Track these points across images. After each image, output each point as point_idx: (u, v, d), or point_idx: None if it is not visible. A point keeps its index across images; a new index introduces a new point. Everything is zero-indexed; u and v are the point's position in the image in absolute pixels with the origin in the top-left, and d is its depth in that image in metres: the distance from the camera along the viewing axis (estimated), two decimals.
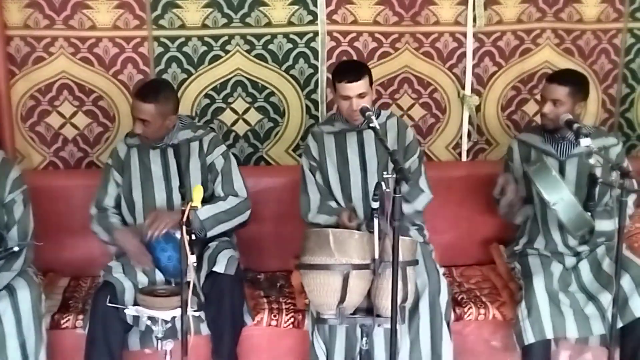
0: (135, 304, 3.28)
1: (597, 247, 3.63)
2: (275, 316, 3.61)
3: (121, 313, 3.30)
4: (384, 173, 2.80)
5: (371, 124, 3.19)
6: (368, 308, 3.18)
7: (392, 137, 3.69)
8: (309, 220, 3.68)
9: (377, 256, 3.03)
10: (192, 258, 2.85)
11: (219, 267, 3.42)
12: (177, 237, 3.14)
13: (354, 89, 3.47)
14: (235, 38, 4.17)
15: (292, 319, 3.60)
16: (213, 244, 3.59)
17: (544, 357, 3.47)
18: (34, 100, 4.14)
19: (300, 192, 3.75)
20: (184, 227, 2.83)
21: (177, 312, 3.04)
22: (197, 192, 2.90)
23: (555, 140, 3.67)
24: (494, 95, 4.46)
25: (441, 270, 3.52)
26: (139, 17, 4.08)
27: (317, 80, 4.28)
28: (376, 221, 3.05)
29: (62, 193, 3.97)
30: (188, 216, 2.85)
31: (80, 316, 3.54)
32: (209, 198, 3.58)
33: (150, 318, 3.21)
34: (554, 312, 3.41)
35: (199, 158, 3.63)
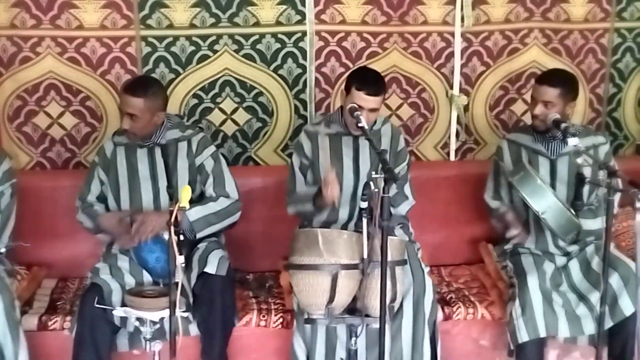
0: (123, 305, 3.26)
1: (587, 246, 3.64)
2: (264, 317, 3.61)
3: (109, 314, 3.29)
4: (372, 173, 2.80)
5: (359, 124, 3.20)
6: (357, 308, 3.19)
7: (385, 142, 3.68)
8: (291, 201, 3.65)
9: (365, 256, 3.03)
10: (180, 259, 2.83)
11: (210, 268, 3.41)
12: (165, 239, 3.13)
13: (369, 102, 3.42)
14: (224, 38, 4.17)
15: (280, 320, 3.60)
16: (202, 245, 3.58)
17: (537, 355, 3.49)
18: (21, 101, 4.11)
19: (287, 187, 3.72)
20: (172, 228, 2.82)
21: (166, 312, 3.02)
22: (185, 192, 2.88)
23: (545, 140, 3.68)
24: (482, 95, 4.47)
25: (426, 269, 3.52)
26: (127, 17, 4.07)
27: (305, 80, 4.27)
28: (365, 221, 3.05)
29: (50, 194, 3.95)
30: (176, 217, 2.84)
31: (68, 318, 3.52)
32: (197, 199, 3.57)
33: (139, 319, 3.19)
34: (547, 310, 3.42)
35: (187, 158, 3.62)
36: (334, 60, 4.27)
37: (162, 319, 3.16)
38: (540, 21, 4.41)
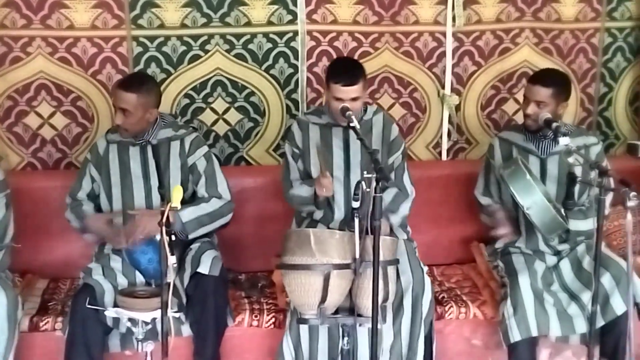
0: (115, 305, 3.26)
1: (577, 245, 3.65)
2: (256, 316, 3.60)
3: (101, 315, 3.28)
4: (364, 173, 2.80)
5: (351, 124, 3.20)
6: (350, 307, 3.19)
7: (377, 132, 3.66)
8: (290, 195, 3.66)
9: (357, 256, 3.03)
10: (172, 259, 2.83)
11: (203, 268, 3.40)
12: (157, 240, 3.12)
13: (348, 92, 3.40)
14: (215, 38, 4.16)
15: (273, 319, 3.60)
16: (195, 246, 3.57)
17: (529, 354, 3.49)
18: (12, 101, 4.10)
19: (282, 176, 3.73)
20: (163, 228, 2.81)
21: (158, 313, 3.02)
22: (177, 192, 2.88)
23: (536, 139, 3.68)
24: (473, 95, 4.48)
25: (425, 268, 3.52)
26: (118, 17, 4.06)
27: (297, 79, 4.27)
28: (357, 221, 3.05)
29: (41, 194, 3.93)
30: (168, 217, 2.83)
31: (60, 318, 3.50)
32: (189, 199, 3.56)
33: (131, 320, 3.19)
34: (539, 310, 3.43)
35: (179, 158, 3.61)
36: (325, 60, 4.26)
37: (154, 319, 3.16)
38: (531, 21, 4.43)
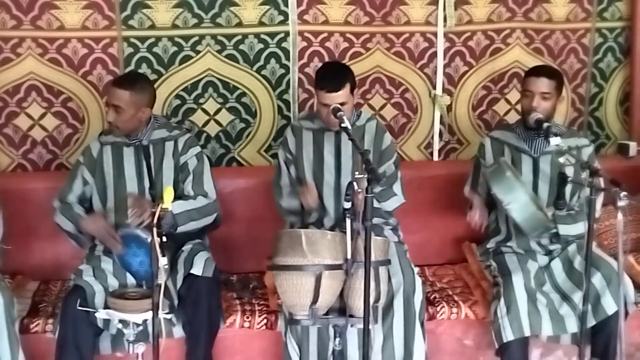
0: (106, 307, 3.25)
1: (569, 245, 3.66)
2: (248, 318, 3.60)
3: (92, 317, 3.27)
4: (356, 173, 2.80)
5: (343, 124, 3.20)
6: (341, 308, 3.19)
7: (369, 140, 3.68)
8: (281, 205, 3.70)
9: (349, 256, 3.03)
10: (163, 260, 2.82)
11: (196, 270, 3.40)
12: (148, 242, 3.11)
13: (333, 98, 3.42)
14: (206, 38, 4.15)
15: (265, 320, 3.59)
16: (187, 247, 3.57)
17: (521, 354, 3.49)
18: (2, 102, 4.08)
19: (273, 181, 3.77)
20: (154, 229, 2.81)
21: (149, 314, 3.01)
22: (168, 193, 2.87)
23: (529, 138, 3.69)
24: (464, 95, 4.48)
25: (416, 269, 3.53)
26: (108, 18, 4.04)
27: (288, 80, 4.27)
28: (348, 221, 3.05)
29: (31, 195, 3.92)
30: (159, 218, 2.83)
31: (50, 320, 3.49)
32: (179, 198, 3.55)
33: (122, 321, 3.18)
34: (532, 310, 3.44)
35: (172, 158, 3.61)
36: (317, 60, 4.26)
37: (145, 321, 3.15)
38: (522, 21, 4.43)
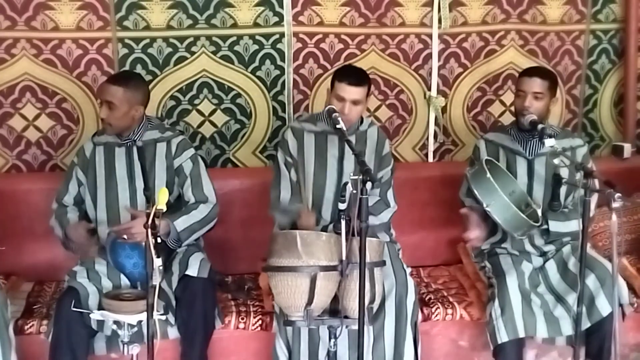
0: (100, 308, 3.24)
1: (563, 246, 3.66)
2: (243, 319, 3.59)
3: (86, 318, 3.26)
4: (350, 174, 2.80)
5: (337, 125, 3.20)
6: (336, 309, 3.19)
7: (371, 144, 3.68)
8: (273, 215, 3.66)
9: (344, 257, 3.03)
10: (157, 262, 2.81)
11: (191, 271, 3.40)
12: (142, 244, 3.10)
13: (351, 92, 3.45)
14: (201, 39, 4.15)
15: (260, 322, 3.59)
16: (182, 249, 3.56)
17: (516, 355, 3.50)
18: None
19: (272, 184, 3.71)
20: (149, 231, 2.80)
21: (143, 316, 3.00)
22: (162, 194, 2.86)
23: (524, 139, 3.69)
24: (459, 97, 4.49)
25: (408, 270, 3.53)
26: (103, 18, 4.04)
27: (283, 81, 4.27)
28: (343, 223, 3.05)
29: (26, 196, 3.91)
30: (153, 219, 2.82)
31: (45, 321, 3.49)
32: (175, 201, 3.55)
33: (116, 322, 3.17)
34: (526, 311, 3.44)
35: (165, 159, 3.59)
36: (312, 61, 4.26)
37: (139, 322, 3.14)
38: (517, 23, 4.44)
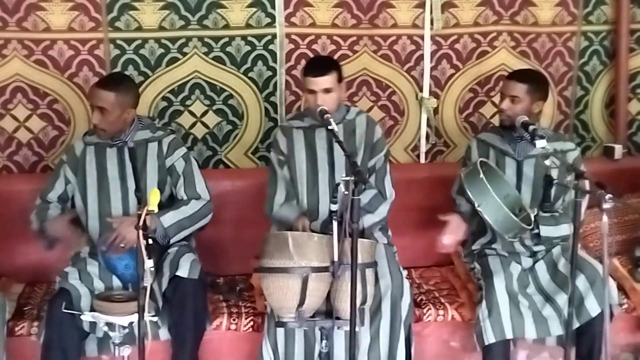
0: (92, 310, 3.24)
1: (553, 247, 3.67)
2: (234, 320, 3.59)
3: (77, 320, 3.25)
4: (342, 176, 2.80)
5: (329, 127, 3.20)
6: (327, 310, 3.19)
7: (359, 133, 3.67)
8: (269, 216, 3.67)
9: (336, 258, 3.03)
10: (149, 263, 2.81)
11: (182, 272, 3.38)
12: (134, 246, 3.10)
13: (318, 83, 3.46)
14: (193, 40, 4.14)
15: (251, 323, 3.59)
16: (173, 249, 3.55)
17: (503, 357, 3.50)
18: None
19: (268, 185, 3.71)
20: (140, 232, 2.79)
21: (135, 317, 3.00)
22: (154, 195, 2.86)
23: (513, 141, 3.70)
24: (451, 98, 4.49)
25: (404, 272, 3.52)
26: (95, 19, 4.03)
27: (275, 82, 4.27)
28: (335, 223, 3.05)
29: (16, 197, 3.88)
30: (145, 220, 2.82)
31: (36, 323, 3.48)
32: (167, 200, 3.54)
33: (108, 324, 3.16)
34: (514, 312, 3.45)
35: (157, 159, 3.58)
36: (304, 62, 4.24)
37: (131, 323, 3.14)
38: (509, 24, 4.45)
